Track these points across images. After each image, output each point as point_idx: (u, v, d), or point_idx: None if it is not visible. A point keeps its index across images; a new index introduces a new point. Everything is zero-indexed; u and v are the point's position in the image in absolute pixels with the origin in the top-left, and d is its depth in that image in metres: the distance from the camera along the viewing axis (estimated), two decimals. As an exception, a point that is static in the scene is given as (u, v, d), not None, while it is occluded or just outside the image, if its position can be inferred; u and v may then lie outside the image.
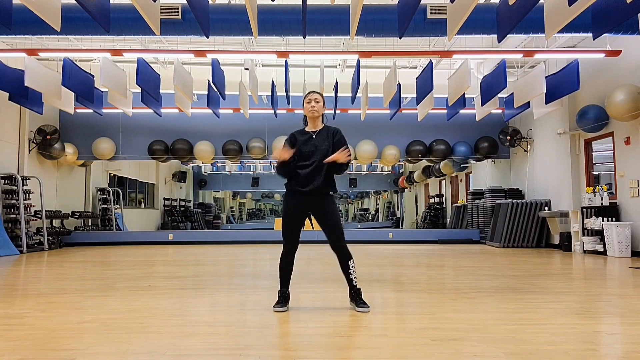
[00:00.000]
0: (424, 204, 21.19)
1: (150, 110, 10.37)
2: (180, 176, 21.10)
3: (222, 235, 14.31)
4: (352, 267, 3.70)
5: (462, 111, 10.58)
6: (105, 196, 14.51)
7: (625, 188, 8.77)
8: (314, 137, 3.78)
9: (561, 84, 8.32)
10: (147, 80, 8.51)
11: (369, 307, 3.65)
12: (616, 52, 7.96)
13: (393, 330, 3.13)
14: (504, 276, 5.84)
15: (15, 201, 10.52)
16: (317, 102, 3.81)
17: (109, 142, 12.99)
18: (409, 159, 13.64)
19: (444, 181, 18.91)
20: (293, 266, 3.79)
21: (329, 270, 6.53)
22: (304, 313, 3.66)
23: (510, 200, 11.42)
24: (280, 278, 3.77)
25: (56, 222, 12.57)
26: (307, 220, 3.85)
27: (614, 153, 9.12)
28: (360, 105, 10.69)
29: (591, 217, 9.15)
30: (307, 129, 3.86)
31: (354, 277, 3.71)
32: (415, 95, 9.71)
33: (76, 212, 12.99)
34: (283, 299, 3.74)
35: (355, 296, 3.71)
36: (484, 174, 14.55)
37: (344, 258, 3.69)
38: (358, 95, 9.60)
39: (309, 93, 3.88)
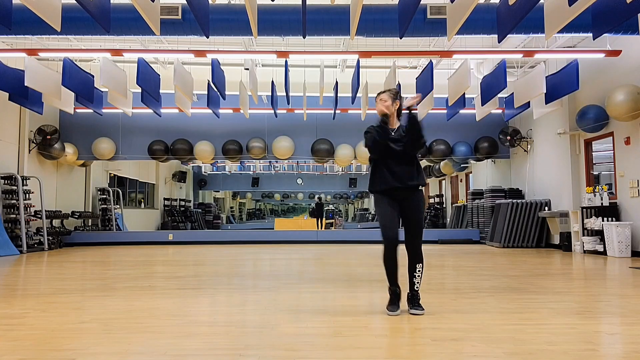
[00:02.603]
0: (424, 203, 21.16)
1: (150, 110, 10.37)
2: (180, 176, 21.10)
3: (222, 235, 14.32)
4: (419, 270, 3.62)
5: (462, 111, 10.58)
6: (105, 196, 14.51)
7: (625, 188, 8.77)
8: (392, 134, 3.71)
9: (561, 84, 8.32)
10: (147, 80, 8.51)
11: (423, 309, 3.59)
12: (616, 52, 7.95)
13: (393, 330, 3.13)
14: (504, 276, 5.84)
15: (15, 201, 10.52)
16: (384, 101, 3.73)
17: (109, 142, 12.99)
18: (409, 159, 13.61)
19: (444, 181, 18.91)
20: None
21: (329, 270, 6.53)
22: (304, 313, 3.66)
23: (510, 200, 11.42)
24: (387, 275, 3.68)
25: (56, 222, 12.57)
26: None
27: (614, 153, 9.12)
28: (360, 105, 10.69)
29: (591, 217, 9.15)
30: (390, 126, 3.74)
31: (417, 282, 3.63)
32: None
33: (76, 212, 12.99)
34: (395, 298, 3.67)
35: (412, 299, 3.64)
36: (484, 174, 14.54)
37: (416, 259, 3.63)
38: (358, 95, 9.60)
39: (377, 95, 3.80)
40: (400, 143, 3.66)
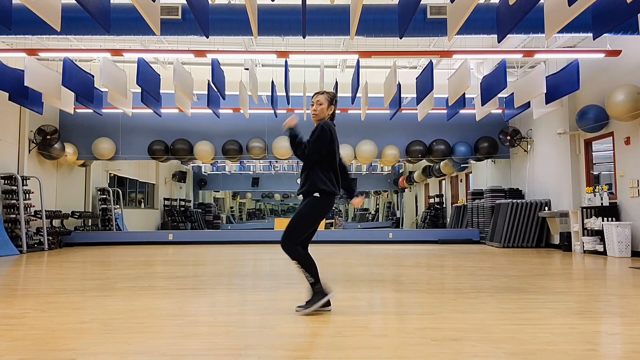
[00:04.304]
0: (424, 204, 21.19)
1: (150, 110, 10.37)
2: (180, 176, 21.10)
3: (222, 235, 14.31)
4: (296, 266, 3.64)
5: (462, 111, 10.58)
6: (105, 196, 14.51)
7: (625, 188, 8.77)
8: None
9: (561, 84, 8.32)
10: (147, 80, 8.51)
11: (302, 310, 3.56)
12: (616, 52, 7.95)
13: (393, 330, 3.13)
14: (504, 276, 5.84)
15: (15, 201, 10.52)
16: (320, 104, 3.73)
17: (109, 142, 12.99)
18: (409, 159, 13.64)
19: (444, 181, 18.90)
20: None
21: (329, 270, 6.53)
22: (304, 313, 3.65)
23: (510, 200, 11.42)
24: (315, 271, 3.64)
25: (56, 222, 12.57)
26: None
27: (614, 153, 9.12)
28: (360, 106, 10.68)
29: (591, 217, 9.15)
30: None
31: (305, 276, 3.62)
32: (415, 95, 9.70)
33: (76, 212, 12.99)
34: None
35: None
36: (484, 174, 14.55)
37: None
38: (358, 95, 9.59)
39: (313, 95, 3.80)
40: None
